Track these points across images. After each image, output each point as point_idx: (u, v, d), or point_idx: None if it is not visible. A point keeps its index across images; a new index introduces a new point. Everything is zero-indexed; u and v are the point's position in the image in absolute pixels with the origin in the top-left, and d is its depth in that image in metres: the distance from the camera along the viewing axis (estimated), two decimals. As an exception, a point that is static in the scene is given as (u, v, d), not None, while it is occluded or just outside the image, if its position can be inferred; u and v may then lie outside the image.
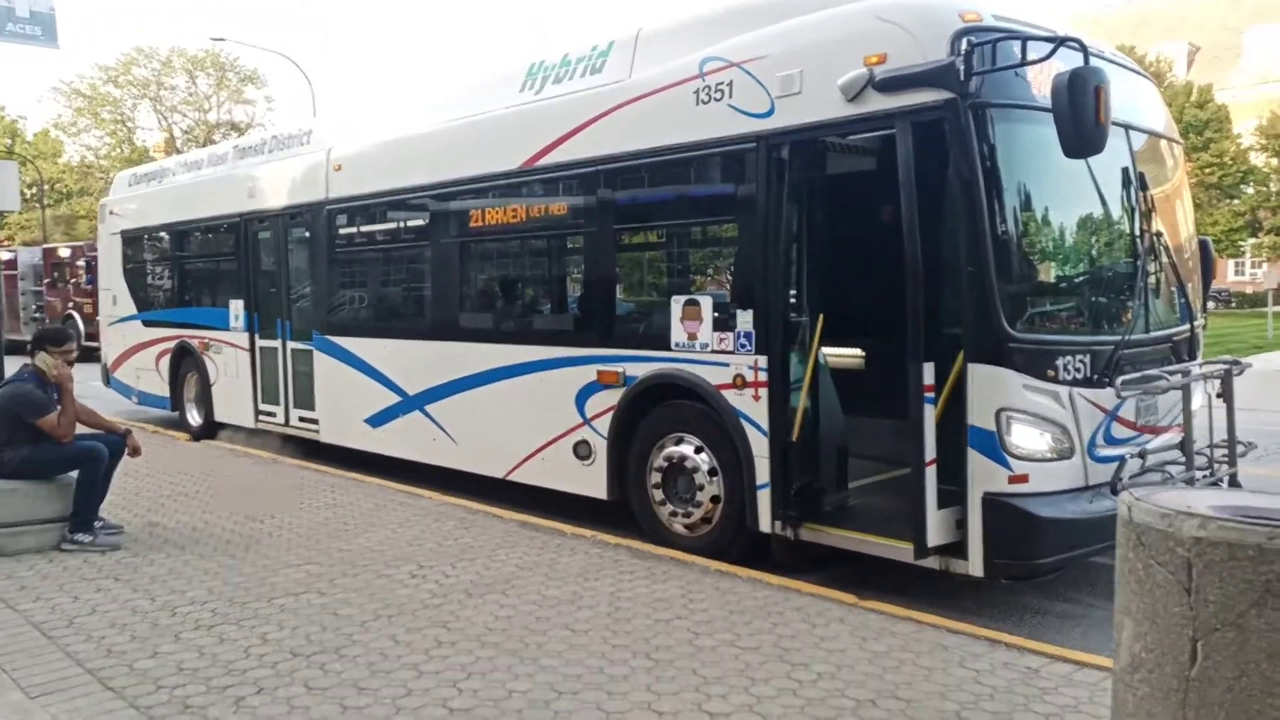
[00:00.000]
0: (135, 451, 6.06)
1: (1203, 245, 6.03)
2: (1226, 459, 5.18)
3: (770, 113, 5.14)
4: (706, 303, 5.49)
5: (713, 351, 5.44)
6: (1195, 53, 43.37)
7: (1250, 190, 34.38)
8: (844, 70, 4.77)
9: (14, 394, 5.72)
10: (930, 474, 4.46)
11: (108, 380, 12.34)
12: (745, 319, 5.27)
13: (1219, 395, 5.17)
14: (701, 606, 4.52)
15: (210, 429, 10.24)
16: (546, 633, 4.19)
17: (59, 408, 5.75)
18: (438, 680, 3.69)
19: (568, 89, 6.47)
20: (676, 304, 5.63)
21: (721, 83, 5.37)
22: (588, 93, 6.26)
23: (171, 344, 10.73)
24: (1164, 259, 5.21)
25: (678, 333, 5.62)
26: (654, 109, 5.75)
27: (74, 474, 5.79)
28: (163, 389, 11.00)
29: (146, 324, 11.37)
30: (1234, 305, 34.44)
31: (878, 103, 4.68)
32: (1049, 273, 5.01)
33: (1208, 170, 32.11)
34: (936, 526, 4.50)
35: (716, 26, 5.66)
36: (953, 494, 4.54)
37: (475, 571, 5.12)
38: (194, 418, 10.61)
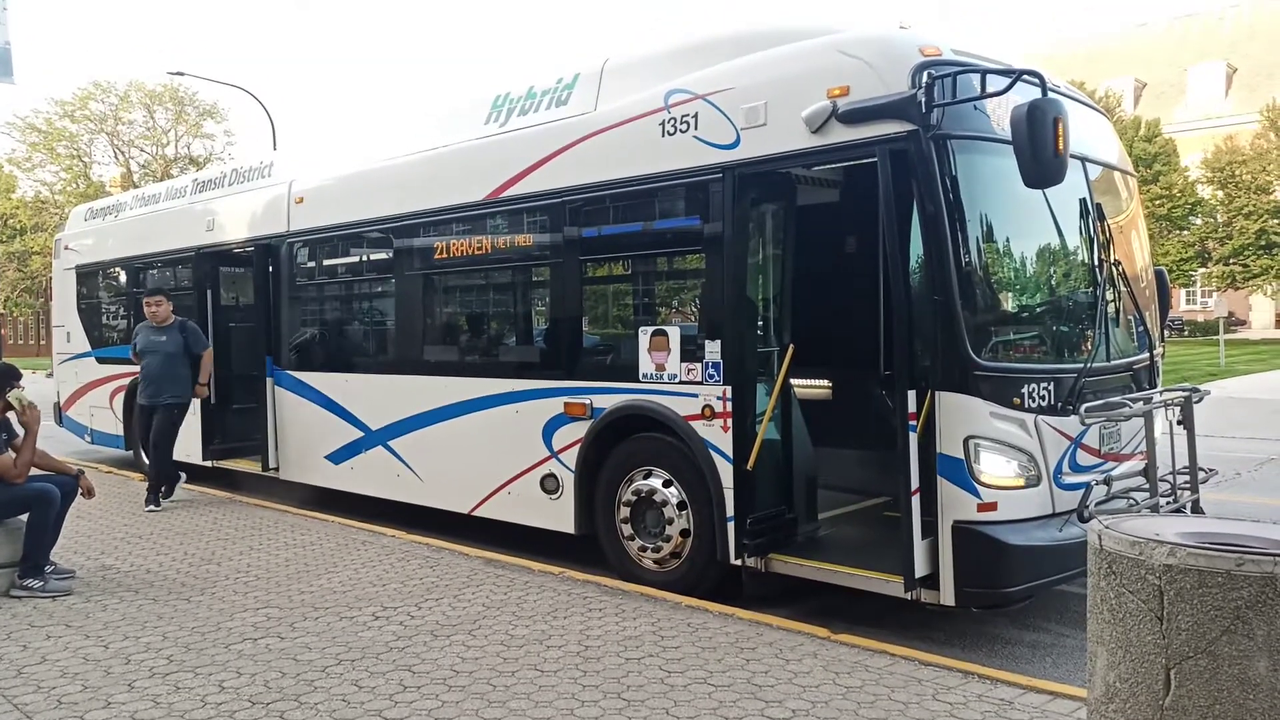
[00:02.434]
0: (89, 493, 5.89)
1: (1159, 275, 6.15)
2: (1189, 485, 5.24)
3: (736, 144, 5.17)
4: (674, 333, 5.48)
5: (680, 382, 5.42)
6: (1142, 88, 44.65)
7: (1199, 222, 35.28)
8: (808, 102, 4.82)
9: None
10: (916, 504, 4.45)
11: (60, 419, 12.04)
12: (713, 349, 5.26)
13: (1179, 423, 5.24)
14: (673, 643, 4.46)
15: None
16: (515, 674, 4.09)
17: (9, 450, 5.58)
18: (403, 725, 3.59)
19: (533, 121, 6.48)
20: (644, 335, 5.61)
21: (687, 114, 5.40)
22: (553, 124, 6.26)
23: (126, 381, 10.49)
24: (1123, 288, 5.30)
25: (645, 364, 5.59)
26: (620, 141, 5.76)
27: (24, 517, 5.61)
28: (117, 428, 10.73)
29: (101, 361, 11.13)
30: (1186, 334, 35.19)
31: (841, 134, 4.73)
32: (1013, 302, 5.07)
33: (1157, 202, 32.91)
34: (921, 558, 4.49)
35: (681, 59, 5.71)
36: (927, 524, 4.53)
37: (441, 612, 5.02)
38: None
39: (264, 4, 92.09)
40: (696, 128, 5.36)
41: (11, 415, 5.78)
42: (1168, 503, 5.01)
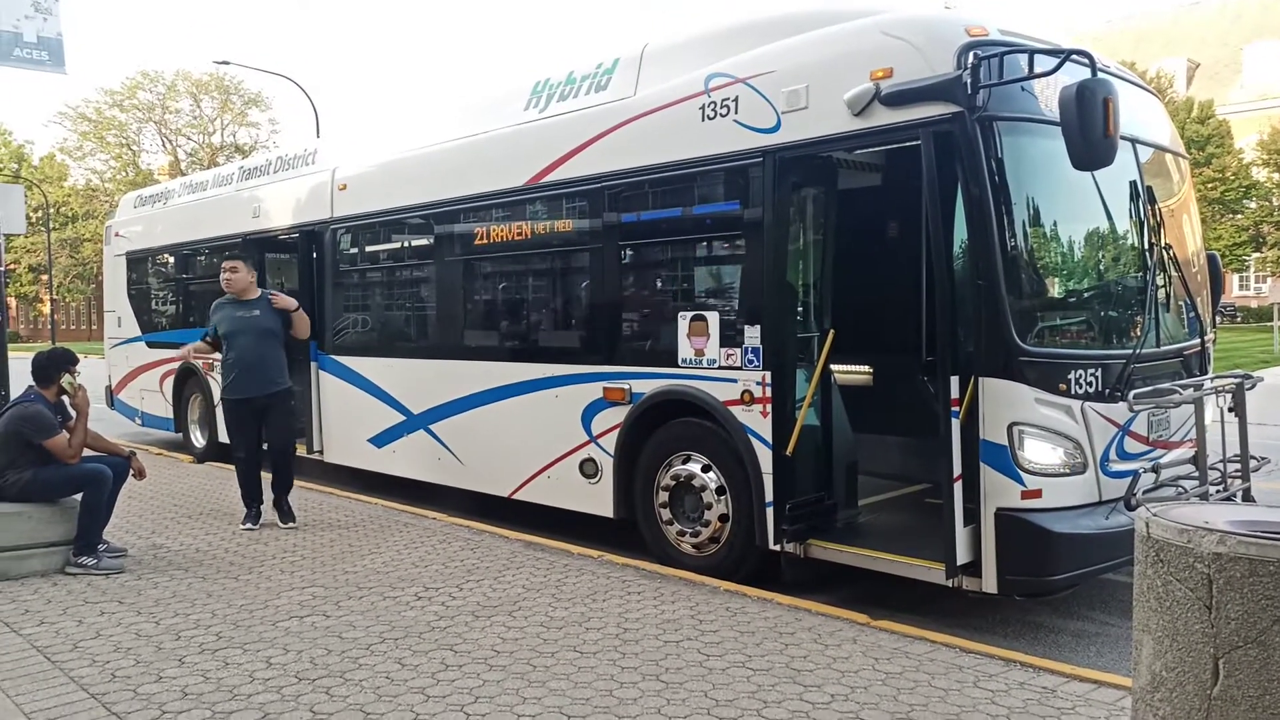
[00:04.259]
0: (140, 474, 6.03)
1: (1211, 259, 6.02)
2: (1239, 474, 5.13)
3: (776, 128, 5.13)
4: (713, 318, 5.47)
5: (720, 367, 5.41)
6: (1195, 69, 43.51)
7: (1253, 205, 34.39)
8: (850, 85, 4.77)
9: (24, 415, 5.68)
10: (959, 490, 4.41)
11: (111, 402, 12.34)
12: (752, 334, 5.25)
13: (1230, 410, 5.13)
14: (711, 627, 4.47)
15: (215, 451, 10.20)
16: (554, 655, 4.13)
17: (63, 430, 5.73)
18: (445, 704, 3.64)
19: (573, 106, 6.48)
20: (683, 320, 5.61)
21: (727, 98, 5.36)
22: (593, 110, 6.26)
23: (176, 365, 10.71)
24: (1173, 273, 5.19)
25: (684, 349, 5.59)
26: (660, 125, 5.74)
27: (78, 497, 5.76)
28: (166, 410, 10.98)
29: (151, 345, 11.37)
30: (1239, 320, 34.36)
31: (884, 117, 4.67)
32: (1059, 286, 4.98)
33: (1210, 185, 32.11)
34: (964, 544, 4.45)
35: (721, 43, 5.67)
36: (969, 511, 4.49)
37: (482, 593, 5.07)
38: (198, 439, 10.59)
39: (291, 1, 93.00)
40: (737, 111, 5.32)
41: (65, 398, 5.93)
42: (1218, 491, 4.91)
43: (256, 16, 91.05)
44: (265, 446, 6.96)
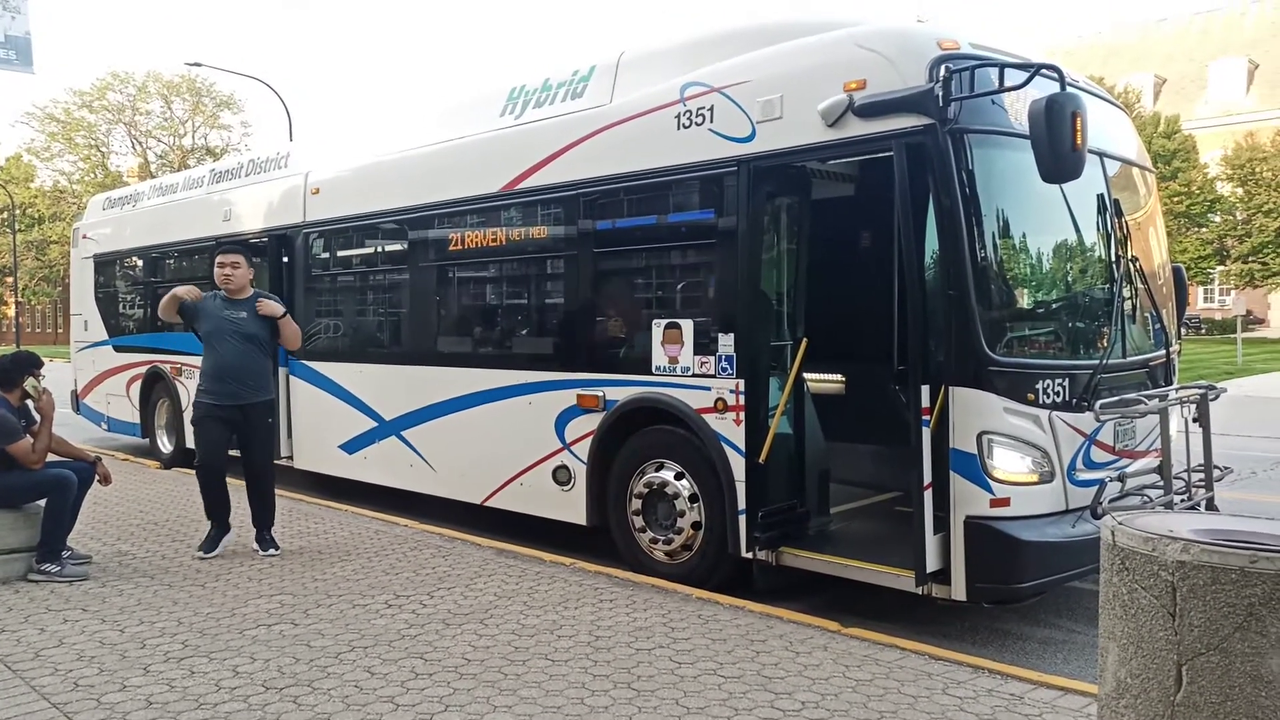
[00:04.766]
0: (105, 480, 5.94)
1: (1176, 272, 6.12)
2: (1203, 483, 5.21)
3: (751, 137, 5.16)
4: (687, 326, 5.48)
5: (693, 375, 5.42)
6: (1162, 84, 44.28)
7: (1217, 219, 35.00)
8: (824, 96, 4.81)
9: (-16, 420, 5.59)
10: (929, 498, 4.45)
11: (77, 406, 12.15)
12: (726, 342, 5.27)
13: (1195, 420, 5.21)
14: (683, 635, 4.47)
15: (182, 457, 10.08)
16: (525, 663, 4.12)
17: (27, 435, 5.64)
18: (414, 713, 3.61)
19: (548, 113, 6.48)
20: (657, 327, 5.62)
21: (702, 107, 5.39)
22: (569, 117, 6.27)
23: (143, 369, 10.59)
24: (1139, 285, 5.27)
25: (658, 356, 5.60)
26: (635, 133, 5.76)
27: (41, 503, 5.66)
28: (133, 415, 10.83)
29: (118, 349, 11.22)
30: (1204, 331, 34.93)
31: (857, 128, 4.72)
32: (1028, 297, 5.05)
33: (1176, 199, 32.65)
34: (933, 552, 4.49)
35: (697, 52, 5.70)
36: (939, 519, 4.53)
37: (453, 601, 5.04)
38: (165, 445, 10.45)
39: (264, 4, 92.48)
40: (712, 120, 5.35)
41: (29, 402, 5.84)
42: (1182, 500, 4.98)
43: (229, 19, 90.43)
44: (242, 460, 6.36)
